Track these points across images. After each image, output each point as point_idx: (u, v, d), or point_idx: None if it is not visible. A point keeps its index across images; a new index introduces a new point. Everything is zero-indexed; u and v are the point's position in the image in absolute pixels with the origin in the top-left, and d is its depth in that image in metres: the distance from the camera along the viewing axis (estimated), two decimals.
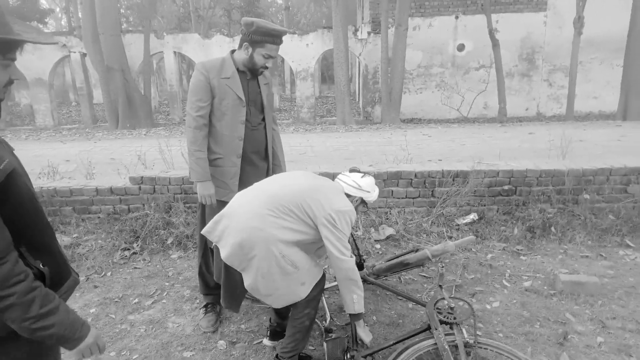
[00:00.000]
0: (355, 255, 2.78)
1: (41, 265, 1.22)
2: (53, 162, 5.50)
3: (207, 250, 2.84)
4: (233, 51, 2.64)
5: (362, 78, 15.49)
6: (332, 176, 3.83)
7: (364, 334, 2.26)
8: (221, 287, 2.36)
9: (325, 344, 2.27)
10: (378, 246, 3.82)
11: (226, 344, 2.62)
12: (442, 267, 2.50)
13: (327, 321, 2.72)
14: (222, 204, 2.51)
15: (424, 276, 3.41)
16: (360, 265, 2.87)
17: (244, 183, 2.60)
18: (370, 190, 2.35)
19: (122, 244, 3.86)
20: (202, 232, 2.26)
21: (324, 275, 2.28)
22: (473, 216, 4.16)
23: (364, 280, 2.92)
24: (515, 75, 14.62)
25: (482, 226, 4.07)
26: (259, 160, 2.77)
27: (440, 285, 2.46)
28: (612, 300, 2.95)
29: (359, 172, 2.41)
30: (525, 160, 4.79)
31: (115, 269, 3.61)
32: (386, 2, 12.71)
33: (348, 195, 2.31)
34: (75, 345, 1.26)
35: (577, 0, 11.79)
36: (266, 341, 2.58)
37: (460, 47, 14.58)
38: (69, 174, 5.59)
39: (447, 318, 2.24)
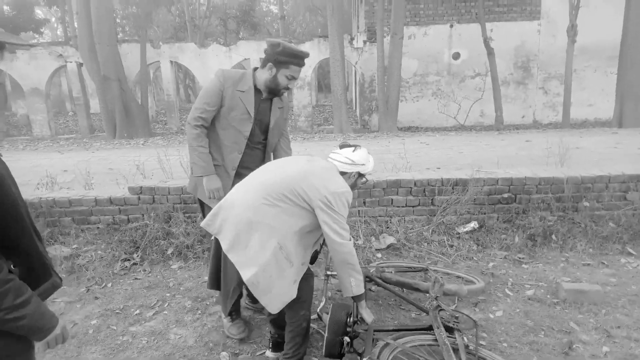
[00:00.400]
0: None
1: (12, 266, 1.26)
2: (51, 173, 5.48)
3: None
4: (256, 69, 2.66)
5: (359, 86, 15.56)
6: None
7: (366, 313, 2.26)
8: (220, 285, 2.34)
9: (330, 306, 2.23)
10: (379, 255, 3.81)
11: (229, 356, 2.59)
12: (441, 277, 2.50)
13: (322, 304, 2.69)
14: (209, 209, 2.56)
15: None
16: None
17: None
18: (364, 163, 2.30)
19: (122, 255, 3.83)
20: (202, 224, 2.26)
21: (312, 274, 2.29)
22: (473, 224, 4.16)
23: (370, 279, 2.92)
24: (511, 83, 14.73)
25: (482, 234, 4.07)
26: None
27: (436, 297, 2.46)
28: (615, 308, 2.95)
29: (349, 146, 2.36)
30: (524, 167, 4.80)
31: (116, 280, 3.58)
32: (381, 11, 12.81)
33: (344, 173, 2.28)
34: (44, 336, 1.30)
35: (570, 9, 11.92)
36: (269, 353, 2.56)
37: (456, 56, 14.69)
38: (67, 184, 5.56)
39: (450, 324, 2.25)
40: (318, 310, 2.38)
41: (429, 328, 2.31)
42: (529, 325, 2.79)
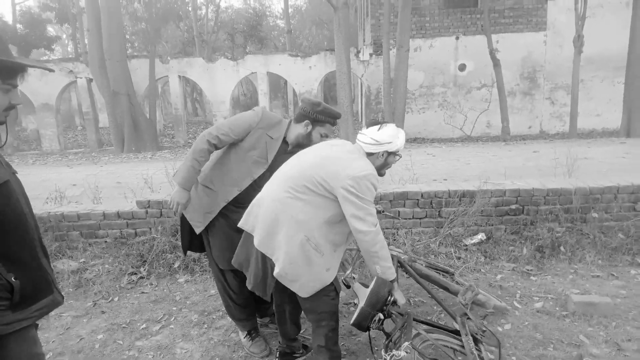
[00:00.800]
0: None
1: (13, 279, 1.28)
2: (60, 187, 5.53)
3: (226, 273, 2.73)
4: (290, 121, 2.69)
5: (365, 99, 15.62)
6: None
7: (399, 296, 2.21)
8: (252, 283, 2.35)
9: (374, 280, 2.17)
10: None
11: None
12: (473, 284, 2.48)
13: (348, 272, 2.64)
14: (186, 221, 2.65)
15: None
16: None
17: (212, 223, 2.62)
18: (391, 140, 2.19)
19: (129, 269, 3.85)
20: (239, 225, 2.30)
21: (337, 294, 2.27)
22: (481, 236, 4.13)
23: (401, 265, 2.88)
24: (517, 94, 14.71)
25: (490, 246, 4.04)
26: (236, 214, 2.54)
27: (466, 304, 2.44)
28: (626, 321, 2.90)
29: (376, 123, 2.26)
30: (531, 179, 4.77)
31: (123, 294, 3.59)
32: (387, 24, 12.90)
33: (371, 154, 2.21)
34: None
35: (577, 20, 11.94)
36: None
37: (462, 67, 14.72)
38: (75, 198, 5.61)
39: (477, 334, 2.23)
40: (342, 279, 2.32)
41: (457, 332, 2.31)
42: (538, 338, 2.76)
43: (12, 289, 1.29)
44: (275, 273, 2.11)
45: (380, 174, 2.26)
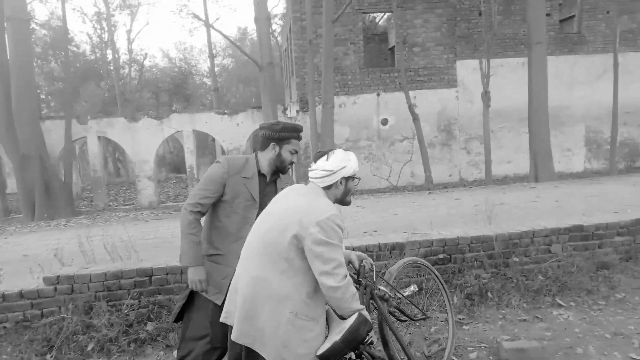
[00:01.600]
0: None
1: None
2: None
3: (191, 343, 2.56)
4: (256, 153, 2.66)
5: None
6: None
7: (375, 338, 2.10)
8: None
9: (355, 315, 1.99)
10: None
11: None
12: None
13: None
14: (207, 300, 2.53)
15: None
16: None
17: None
18: (344, 164, 2.09)
19: (32, 357, 3.38)
20: (221, 320, 2.11)
21: None
22: (413, 288, 4.13)
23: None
24: (437, 145, 15.65)
25: (422, 297, 4.06)
26: None
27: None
28: None
29: (323, 154, 2.17)
30: (456, 228, 4.95)
31: None
32: (312, 82, 13.40)
33: (329, 187, 2.09)
34: None
35: (482, 78, 13.15)
36: None
37: (384, 122, 15.49)
38: None
39: None
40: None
41: None
42: None
43: None
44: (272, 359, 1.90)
45: (346, 202, 2.19)
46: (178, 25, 69.19)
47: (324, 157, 2.12)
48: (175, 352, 3.44)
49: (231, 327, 2.03)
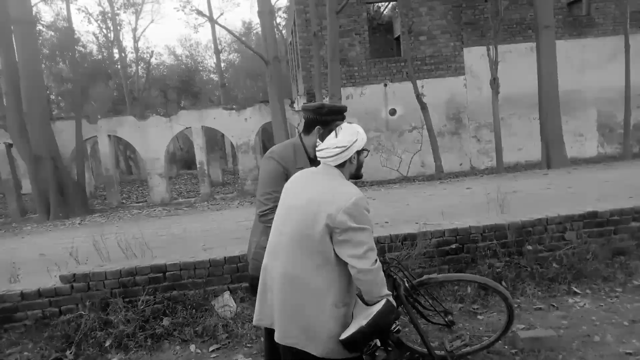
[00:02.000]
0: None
1: None
2: None
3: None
4: (300, 137, 2.57)
5: None
6: None
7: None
8: None
9: (383, 301, 1.97)
10: None
11: None
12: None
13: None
14: None
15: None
16: None
17: None
18: (355, 137, 2.04)
19: (53, 354, 3.44)
20: (254, 324, 2.08)
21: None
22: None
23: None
24: (446, 134, 15.53)
25: (436, 288, 4.04)
26: None
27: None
28: (571, 352, 2.95)
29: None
30: (467, 217, 4.92)
31: None
32: (318, 75, 13.34)
33: (342, 165, 2.05)
34: None
35: (490, 65, 12.98)
36: None
37: (392, 112, 15.40)
38: None
39: None
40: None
41: None
42: None
43: None
44: (318, 355, 1.90)
45: (359, 176, 2.18)
46: (182, 22, 69.27)
47: (332, 134, 2.05)
48: (191, 346, 3.48)
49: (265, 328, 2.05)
